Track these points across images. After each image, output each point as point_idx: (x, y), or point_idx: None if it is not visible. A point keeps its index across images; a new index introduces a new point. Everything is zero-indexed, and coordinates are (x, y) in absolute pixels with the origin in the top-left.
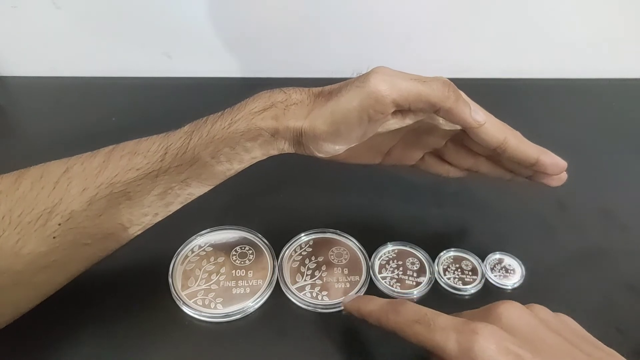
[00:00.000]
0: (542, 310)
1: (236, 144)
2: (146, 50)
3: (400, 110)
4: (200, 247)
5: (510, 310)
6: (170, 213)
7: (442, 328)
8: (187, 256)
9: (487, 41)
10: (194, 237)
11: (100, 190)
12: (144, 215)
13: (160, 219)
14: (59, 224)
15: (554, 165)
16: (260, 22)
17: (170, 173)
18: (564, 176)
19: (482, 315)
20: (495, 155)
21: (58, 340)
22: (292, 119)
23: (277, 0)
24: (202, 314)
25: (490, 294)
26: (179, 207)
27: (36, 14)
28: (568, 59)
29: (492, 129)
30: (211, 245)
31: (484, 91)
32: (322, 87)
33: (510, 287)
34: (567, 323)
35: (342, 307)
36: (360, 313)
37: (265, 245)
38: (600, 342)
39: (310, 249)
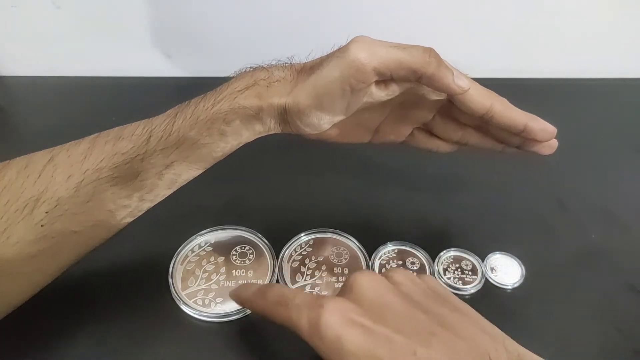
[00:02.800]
0: (397, 274)
1: (221, 124)
2: (146, 50)
3: (383, 80)
4: (200, 247)
5: (360, 281)
6: (161, 198)
7: (297, 306)
8: (187, 256)
9: (487, 41)
10: (194, 237)
11: (87, 176)
12: (132, 201)
13: (150, 205)
14: (46, 212)
15: (543, 130)
16: (260, 22)
17: (156, 156)
18: (554, 143)
19: (341, 289)
20: (484, 125)
21: (58, 340)
22: (276, 96)
23: (276, 1)
24: (202, 313)
25: (490, 293)
26: (169, 192)
27: (36, 13)
28: (568, 59)
29: (478, 95)
30: (211, 245)
31: None
32: (305, 62)
33: (510, 287)
34: (424, 283)
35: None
36: (240, 301)
37: (265, 245)
38: (456, 300)
39: (310, 249)
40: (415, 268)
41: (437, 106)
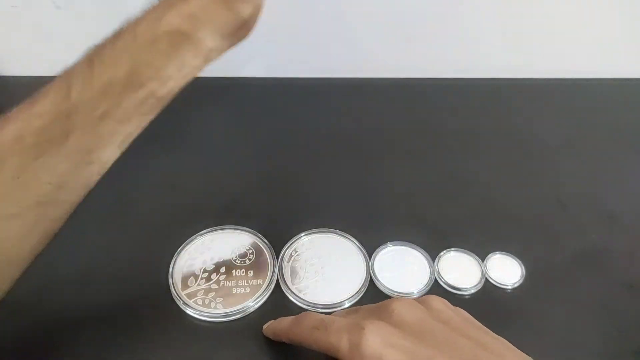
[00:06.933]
0: (435, 301)
1: (152, 56)
2: None
3: None
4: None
5: (400, 307)
6: (107, 165)
7: (336, 330)
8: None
9: (487, 41)
10: (194, 237)
11: (6, 148)
12: (71, 165)
13: (97, 169)
14: None
15: None
16: (260, 22)
17: (83, 111)
18: None
19: (377, 312)
20: None
21: (58, 340)
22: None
23: (277, 1)
24: (202, 313)
25: (490, 293)
26: (115, 152)
27: (36, 14)
28: (568, 59)
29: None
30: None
31: (485, 91)
32: None
33: (510, 287)
34: (460, 313)
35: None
36: (275, 336)
37: (265, 245)
38: (490, 332)
39: (311, 249)
40: (415, 268)
41: None
